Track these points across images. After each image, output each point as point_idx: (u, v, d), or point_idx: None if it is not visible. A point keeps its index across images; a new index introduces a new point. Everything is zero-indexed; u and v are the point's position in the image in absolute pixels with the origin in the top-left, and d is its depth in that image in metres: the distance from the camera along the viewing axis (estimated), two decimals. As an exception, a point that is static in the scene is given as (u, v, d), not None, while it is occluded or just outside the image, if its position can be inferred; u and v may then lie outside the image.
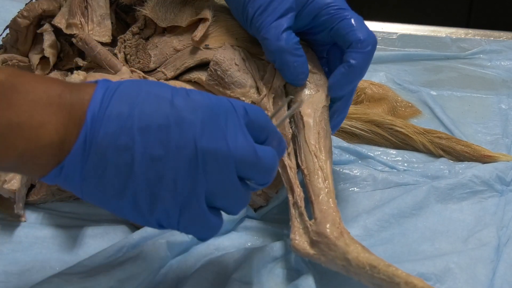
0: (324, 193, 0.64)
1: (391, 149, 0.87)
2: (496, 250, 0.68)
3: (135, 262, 0.63)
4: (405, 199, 0.74)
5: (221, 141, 0.51)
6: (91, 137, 0.49)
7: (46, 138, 0.48)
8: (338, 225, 0.61)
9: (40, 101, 0.48)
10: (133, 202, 0.51)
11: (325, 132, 0.68)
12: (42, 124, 0.48)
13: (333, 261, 0.60)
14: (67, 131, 0.49)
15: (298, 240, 0.62)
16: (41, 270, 0.64)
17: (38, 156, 0.49)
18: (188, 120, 0.50)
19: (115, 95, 0.50)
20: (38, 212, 0.72)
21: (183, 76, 0.76)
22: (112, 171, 0.50)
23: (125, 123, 0.49)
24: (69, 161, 0.49)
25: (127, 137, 0.49)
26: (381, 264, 0.57)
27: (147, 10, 0.77)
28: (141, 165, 0.50)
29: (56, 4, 0.81)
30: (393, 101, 0.97)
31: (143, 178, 0.50)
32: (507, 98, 1.00)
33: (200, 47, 0.75)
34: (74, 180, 0.50)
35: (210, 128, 0.51)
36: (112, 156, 0.49)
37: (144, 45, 0.78)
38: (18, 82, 0.48)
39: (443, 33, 1.20)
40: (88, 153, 0.49)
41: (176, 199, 0.51)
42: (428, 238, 0.70)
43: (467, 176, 0.77)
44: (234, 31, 0.75)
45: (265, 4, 0.69)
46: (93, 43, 0.75)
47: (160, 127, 0.50)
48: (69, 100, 0.50)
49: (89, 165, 0.50)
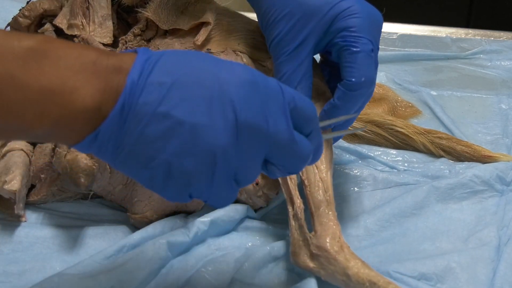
0: (324, 206, 0.64)
1: (391, 149, 0.87)
2: (497, 249, 0.68)
3: (135, 262, 0.63)
4: (405, 199, 0.74)
5: (261, 119, 0.49)
6: (130, 104, 0.48)
7: (80, 104, 0.47)
8: (338, 239, 0.62)
9: (72, 67, 0.47)
10: (166, 172, 0.49)
11: (326, 143, 0.68)
12: (75, 90, 0.47)
13: (333, 275, 0.60)
14: (103, 97, 0.47)
15: (298, 253, 0.62)
16: (42, 270, 0.64)
17: (73, 122, 0.47)
18: (232, 93, 0.49)
19: (157, 64, 0.49)
20: (39, 212, 0.72)
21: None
22: (148, 140, 0.48)
23: (167, 92, 0.48)
24: (105, 127, 0.48)
25: (168, 105, 0.48)
26: (381, 281, 0.58)
27: (149, 12, 0.77)
28: (179, 134, 0.48)
29: (58, 4, 0.81)
30: (393, 101, 0.97)
31: (179, 147, 0.48)
32: (507, 98, 1.00)
33: (202, 51, 0.75)
34: (108, 147, 0.49)
35: (253, 104, 0.49)
36: (150, 124, 0.48)
37: (146, 47, 0.77)
38: (49, 48, 0.47)
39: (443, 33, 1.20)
40: (125, 120, 0.48)
41: (210, 169, 0.50)
42: (429, 237, 0.70)
43: (468, 176, 0.77)
44: (236, 36, 0.75)
45: (283, 32, 0.66)
46: (95, 44, 0.75)
47: (202, 97, 0.48)
48: (105, 67, 0.48)
49: (125, 132, 0.48)
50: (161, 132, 0.48)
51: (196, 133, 0.48)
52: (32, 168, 0.72)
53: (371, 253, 0.67)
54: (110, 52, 0.50)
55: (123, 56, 0.49)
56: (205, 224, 0.68)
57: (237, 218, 0.71)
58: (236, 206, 0.71)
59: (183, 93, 0.48)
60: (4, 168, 0.70)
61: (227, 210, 0.69)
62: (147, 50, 0.51)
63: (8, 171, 0.69)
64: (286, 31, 0.67)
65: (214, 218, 0.68)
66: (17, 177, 0.69)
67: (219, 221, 0.69)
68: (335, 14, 0.66)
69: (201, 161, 0.49)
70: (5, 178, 0.68)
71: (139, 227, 0.69)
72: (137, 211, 0.70)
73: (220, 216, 0.69)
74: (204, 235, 0.69)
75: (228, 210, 0.69)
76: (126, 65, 0.48)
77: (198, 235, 0.68)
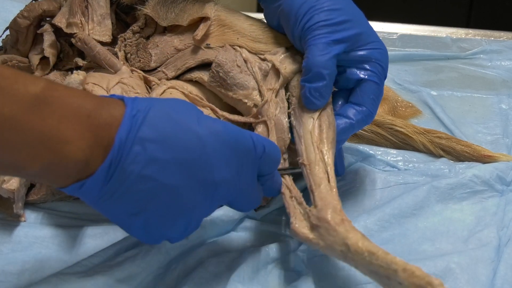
0: (325, 183, 0.64)
1: (391, 149, 0.87)
2: (497, 250, 0.68)
3: (134, 262, 0.63)
4: (405, 199, 0.74)
5: (234, 176, 0.57)
6: (117, 163, 0.52)
7: (72, 154, 0.51)
8: (339, 212, 0.61)
9: (70, 117, 0.51)
10: (144, 223, 0.55)
11: (327, 124, 0.68)
12: (69, 141, 0.50)
13: (332, 246, 0.59)
14: (92, 153, 0.51)
15: (298, 224, 0.62)
16: (41, 269, 0.64)
17: (61, 170, 0.51)
18: (211, 157, 0.55)
19: (144, 123, 0.53)
20: (38, 211, 0.72)
21: (184, 75, 0.76)
22: (131, 197, 0.53)
23: (152, 154, 0.52)
24: (91, 181, 0.52)
25: (153, 168, 0.52)
26: (380, 251, 0.57)
27: (148, 9, 0.77)
28: (161, 195, 0.54)
29: (56, 5, 0.81)
30: (393, 101, 0.97)
31: (161, 205, 0.54)
32: (507, 98, 1.00)
33: (201, 46, 0.75)
34: (91, 196, 0.53)
35: (230, 164, 0.56)
36: (134, 183, 0.53)
37: (145, 44, 0.78)
38: (52, 96, 0.50)
39: (444, 33, 1.20)
40: (110, 176, 0.52)
41: (187, 220, 0.56)
42: (429, 238, 0.70)
43: (467, 176, 0.76)
44: (235, 30, 0.75)
45: (326, 22, 0.70)
46: (92, 43, 0.75)
47: (185, 160, 0.54)
48: (97, 121, 0.52)
49: (109, 187, 0.53)
50: (144, 192, 0.53)
51: (175, 194, 0.54)
52: (31, 167, 0.72)
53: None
54: (104, 104, 0.53)
55: (115, 108, 0.53)
56: (204, 224, 0.68)
57: (236, 218, 0.71)
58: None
59: (167, 155, 0.53)
60: (3, 167, 0.70)
61: (226, 209, 0.69)
62: (136, 101, 0.54)
63: (7, 170, 0.69)
64: (330, 23, 0.70)
65: (213, 218, 0.68)
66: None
67: (218, 220, 0.69)
68: (367, 42, 0.72)
69: (177, 217, 0.56)
70: (4, 177, 0.68)
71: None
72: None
73: (219, 216, 0.69)
74: (204, 236, 0.69)
75: (227, 210, 0.69)
76: (116, 121, 0.52)
77: (197, 235, 0.67)
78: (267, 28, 0.77)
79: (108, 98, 0.55)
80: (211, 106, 0.72)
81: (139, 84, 0.74)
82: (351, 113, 0.71)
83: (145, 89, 0.74)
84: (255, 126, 0.71)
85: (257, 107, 0.71)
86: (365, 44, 0.72)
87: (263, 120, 0.71)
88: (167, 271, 0.64)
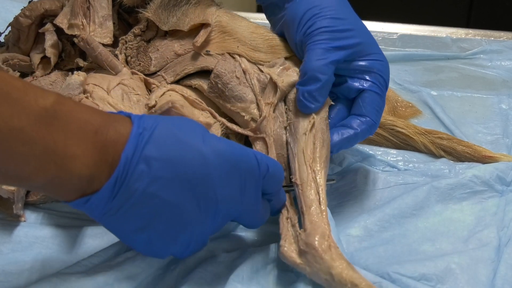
0: (316, 205, 0.64)
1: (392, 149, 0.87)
2: (497, 250, 0.68)
3: (134, 263, 0.63)
4: (405, 199, 0.74)
5: (237, 194, 0.58)
6: (122, 181, 0.53)
7: (77, 170, 0.52)
8: (327, 238, 0.61)
9: (77, 133, 0.52)
10: (147, 239, 0.57)
11: (321, 142, 0.68)
12: (75, 156, 0.51)
13: (317, 273, 0.60)
14: (98, 170, 0.52)
15: (287, 248, 0.62)
16: (41, 270, 0.64)
17: (66, 184, 0.52)
18: (214, 176, 0.55)
19: (149, 141, 0.54)
20: (38, 212, 0.72)
21: (184, 81, 0.76)
22: (135, 213, 0.54)
23: (157, 172, 0.53)
24: (97, 197, 0.53)
25: (157, 185, 0.54)
26: (363, 283, 0.57)
27: (150, 12, 0.77)
28: (165, 212, 0.55)
29: (59, 4, 0.80)
30: (393, 101, 0.97)
31: (164, 222, 0.55)
32: (507, 98, 1.00)
33: (201, 53, 0.75)
34: (96, 211, 0.54)
35: (232, 183, 0.57)
36: (138, 200, 0.54)
37: (145, 47, 0.77)
38: (61, 110, 0.51)
39: (444, 33, 1.20)
40: (116, 193, 0.53)
41: (189, 236, 0.58)
42: (429, 238, 0.70)
43: (467, 176, 0.76)
44: (235, 38, 0.75)
45: (328, 29, 0.70)
46: (95, 44, 0.75)
47: (188, 179, 0.54)
48: (104, 138, 0.53)
49: (114, 203, 0.54)
50: (148, 209, 0.54)
51: (177, 211, 0.55)
52: (31, 167, 0.72)
53: (371, 254, 0.67)
54: (111, 121, 0.54)
55: (121, 127, 0.54)
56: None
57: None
58: None
59: (171, 174, 0.54)
60: (3, 167, 0.70)
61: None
62: (142, 119, 0.55)
63: (7, 170, 0.69)
64: (330, 30, 0.71)
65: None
66: (16, 177, 0.68)
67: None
68: (368, 53, 0.73)
69: (179, 233, 0.57)
70: (4, 178, 0.68)
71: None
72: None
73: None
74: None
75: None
76: (122, 138, 0.53)
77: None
78: (268, 37, 0.77)
79: (115, 115, 0.56)
80: (210, 110, 0.72)
81: (139, 86, 0.74)
82: (355, 123, 0.71)
83: (145, 91, 0.74)
84: (253, 141, 0.71)
85: (254, 121, 0.71)
86: (366, 54, 0.72)
87: (262, 137, 0.71)
88: (166, 271, 0.64)
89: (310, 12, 0.72)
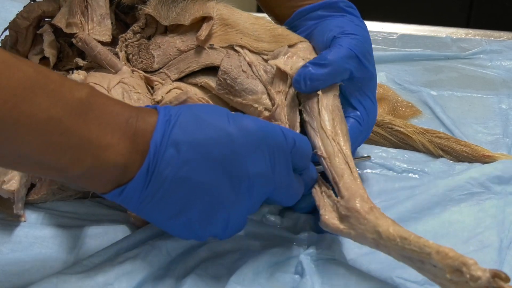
0: (348, 173, 0.65)
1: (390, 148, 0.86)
2: (498, 251, 0.67)
3: (135, 262, 0.63)
4: (404, 203, 0.73)
5: (268, 170, 0.58)
6: (154, 167, 0.54)
7: (112, 159, 0.53)
8: (367, 200, 0.62)
9: (110, 124, 0.53)
10: (185, 223, 0.58)
11: (339, 118, 0.70)
12: (110, 146, 0.53)
13: (363, 234, 0.60)
14: (131, 157, 0.54)
15: (328, 216, 0.63)
16: (41, 270, 0.64)
17: (102, 174, 0.54)
18: (243, 153, 0.56)
19: (175, 126, 0.55)
20: (38, 212, 0.72)
21: (188, 79, 0.75)
22: (170, 198, 0.56)
23: (185, 155, 0.55)
24: (131, 186, 0.55)
25: (187, 168, 0.55)
26: (412, 236, 0.57)
27: (150, 8, 0.77)
28: (199, 193, 0.56)
29: (56, 5, 0.80)
30: (393, 101, 0.97)
31: (200, 204, 0.56)
32: (507, 98, 1.00)
33: (204, 46, 0.75)
34: (132, 201, 0.56)
35: (261, 158, 0.57)
36: (171, 185, 0.55)
37: (147, 45, 0.77)
38: (95, 102, 0.53)
39: (444, 33, 1.20)
40: (149, 180, 0.55)
41: (226, 216, 0.58)
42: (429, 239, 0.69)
43: (464, 178, 0.76)
44: (238, 30, 0.75)
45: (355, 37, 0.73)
46: (93, 43, 0.75)
47: (217, 158, 0.56)
48: (134, 128, 0.54)
49: (149, 191, 0.55)
50: (182, 193, 0.56)
51: (211, 192, 0.56)
52: (31, 167, 0.72)
53: (373, 259, 0.66)
54: (140, 111, 0.56)
55: (148, 117, 0.56)
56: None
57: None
58: None
59: (200, 155, 0.55)
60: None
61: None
62: (167, 108, 0.57)
63: (7, 170, 0.69)
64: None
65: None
66: (16, 177, 0.68)
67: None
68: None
69: (215, 214, 0.58)
70: (4, 178, 0.68)
71: (139, 226, 0.69)
72: (137, 211, 0.70)
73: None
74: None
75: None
76: (150, 127, 0.55)
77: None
78: (270, 26, 0.77)
79: (142, 107, 0.58)
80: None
81: (140, 84, 0.74)
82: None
83: (146, 89, 0.74)
84: None
85: (267, 110, 0.71)
86: (366, 88, 0.75)
87: (277, 124, 0.71)
88: (167, 271, 0.64)
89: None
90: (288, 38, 0.76)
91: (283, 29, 0.77)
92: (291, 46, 0.75)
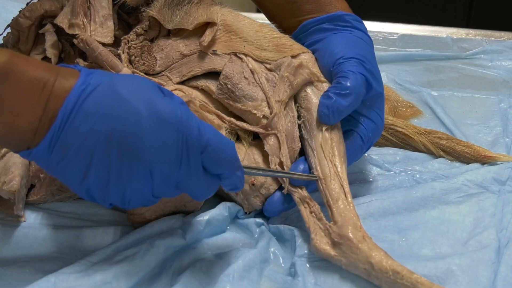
0: (342, 198, 0.65)
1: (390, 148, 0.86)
2: (497, 251, 0.67)
3: (132, 261, 0.63)
4: (404, 202, 0.73)
5: (171, 160, 0.57)
6: (58, 136, 0.55)
7: (22, 127, 0.55)
8: (360, 228, 0.62)
9: (25, 92, 0.54)
10: (88, 189, 0.58)
11: (338, 138, 0.70)
12: (21, 114, 0.54)
13: (355, 263, 0.60)
14: (40, 124, 0.55)
15: (319, 241, 0.63)
16: (41, 270, 0.64)
17: (13, 138, 0.56)
18: (147, 135, 0.56)
19: (89, 97, 0.56)
20: (38, 212, 0.72)
21: (189, 82, 0.75)
22: (74, 167, 0.57)
23: (92, 128, 0.55)
24: (36, 151, 0.56)
25: (91, 141, 0.55)
26: (405, 270, 0.58)
27: (154, 11, 0.77)
28: (99, 165, 0.56)
29: (58, 5, 0.80)
30: (394, 101, 0.97)
31: (97, 175, 0.57)
32: (508, 98, 1.00)
33: (207, 52, 0.75)
34: (40, 163, 0.58)
35: (165, 146, 0.57)
36: (76, 153, 0.56)
37: (150, 47, 0.77)
38: (13, 70, 0.54)
39: (444, 33, 1.20)
40: (53, 148, 0.56)
41: (124, 193, 0.58)
42: (428, 241, 0.69)
43: (460, 180, 0.76)
44: (241, 37, 0.75)
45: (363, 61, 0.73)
46: (94, 44, 0.75)
47: (119, 135, 0.56)
48: (49, 93, 0.55)
49: (53, 157, 0.56)
50: (84, 163, 0.56)
51: (109, 166, 0.56)
52: (31, 168, 0.72)
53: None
54: (60, 74, 0.56)
55: (66, 82, 0.56)
56: (201, 224, 0.68)
57: (231, 217, 0.71)
58: (229, 205, 0.71)
59: (104, 130, 0.55)
60: (4, 168, 0.70)
61: (221, 209, 0.70)
62: (91, 75, 0.57)
63: (8, 171, 0.69)
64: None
65: (210, 218, 0.69)
66: (17, 178, 0.68)
67: (214, 220, 0.69)
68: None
69: (111, 187, 0.58)
70: (5, 179, 0.68)
71: (137, 227, 0.69)
72: (136, 212, 0.70)
73: (215, 216, 0.69)
74: (200, 236, 0.69)
75: (222, 209, 0.70)
76: (64, 94, 0.55)
77: (194, 236, 0.68)
78: (273, 35, 0.76)
79: (65, 69, 0.58)
80: (217, 113, 0.73)
81: (140, 85, 0.74)
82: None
83: (146, 90, 0.74)
84: (264, 138, 0.72)
85: (265, 118, 0.72)
86: (374, 105, 0.75)
87: (274, 133, 0.72)
88: (163, 269, 0.65)
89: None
90: (291, 49, 0.75)
91: (287, 39, 0.77)
92: (294, 56, 0.75)
